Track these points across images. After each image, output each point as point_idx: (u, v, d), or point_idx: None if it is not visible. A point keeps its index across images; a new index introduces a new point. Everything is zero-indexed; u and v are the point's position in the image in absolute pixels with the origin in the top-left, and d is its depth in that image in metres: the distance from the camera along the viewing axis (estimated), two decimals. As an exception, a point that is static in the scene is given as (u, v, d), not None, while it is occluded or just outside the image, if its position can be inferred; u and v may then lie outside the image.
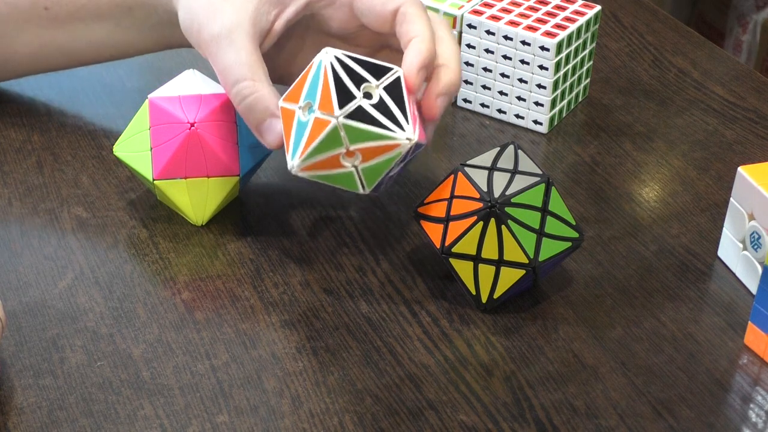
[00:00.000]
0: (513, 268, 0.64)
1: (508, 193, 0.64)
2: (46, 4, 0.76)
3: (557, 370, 0.63)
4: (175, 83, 0.71)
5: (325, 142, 0.63)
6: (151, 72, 0.87)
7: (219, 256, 0.70)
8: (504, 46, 0.81)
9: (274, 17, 0.70)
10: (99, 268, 0.68)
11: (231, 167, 0.70)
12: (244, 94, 0.67)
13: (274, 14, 0.70)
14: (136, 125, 0.71)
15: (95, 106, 0.83)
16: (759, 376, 0.63)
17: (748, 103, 0.88)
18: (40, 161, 0.77)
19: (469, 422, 0.59)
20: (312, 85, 0.64)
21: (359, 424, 0.59)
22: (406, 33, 0.68)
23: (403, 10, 0.68)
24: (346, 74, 0.64)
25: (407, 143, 0.64)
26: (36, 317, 0.64)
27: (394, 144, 0.64)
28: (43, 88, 0.84)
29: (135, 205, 0.73)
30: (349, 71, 0.64)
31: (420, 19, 0.68)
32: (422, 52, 0.66)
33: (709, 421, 0.60)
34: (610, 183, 0.78)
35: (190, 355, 0.62)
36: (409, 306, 0.67)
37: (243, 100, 0.67)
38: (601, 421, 0.60)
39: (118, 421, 0.58)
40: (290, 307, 0.66)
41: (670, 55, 0.94)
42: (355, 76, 0.64)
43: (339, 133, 0.63)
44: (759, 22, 1.82)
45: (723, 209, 0.74)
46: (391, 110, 0.64)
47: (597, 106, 0.87)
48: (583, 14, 0.83)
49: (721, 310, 0.67)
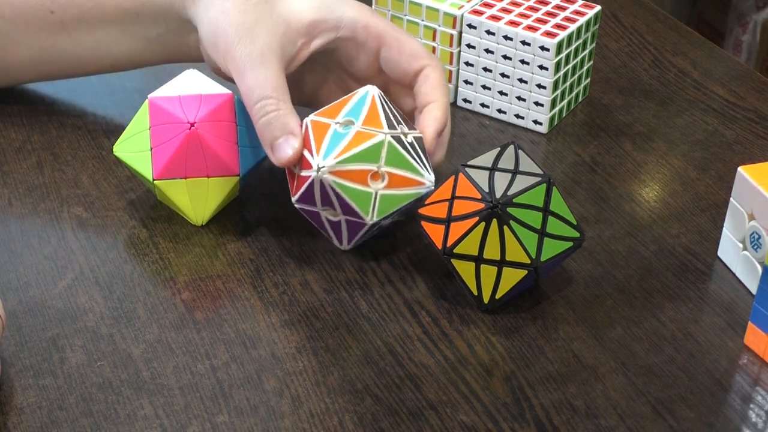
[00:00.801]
0: (515, 269, 0.64)
1: (509, 193, 0.64)
2: (52, 8, 0.76)
3: (557, 370, 0.63)
4: (176, 83, 0.71)
5: (365, 152, 0.65)
6: (152, 72, 0.87)
7: (219, 256, 0.70)
8: (504, 46, 0.81)
9: (300, 45, 0.72)
10: (99, 268, 0.68)
11: (231, 167, 0.70)
12: (267, 110, 0.68)
13: (301, 43, 0.72)
14: (136, 125, 0.71)
15: (95, 106, 0.83)
16: (759, 376, 0.63)
17: (748, 103, 0.88)
18: (40, 161, 0.77)
19: (469, 422, 0.59)
20: (356, 107, 0.68)
21: (359, 424, 0.59)
22: (425, 95, 0.72)
23: (427, 72, 0.73)
24: (389, 109, 0.68)
25: (430, 186, 0.67)
26: (36, 317, 0.64)
27: (420, 182, 0.67)
28: (43, 88, 0.84)
29: (135, 205, 0.73)
30: (390, 110, 0.68)
31: (441, 85, 0.72)
32: (439, 120, 0.71)
33: (709, 421, 0.60)
34: (610, 183, 0.78)
35: (190, 355, 0.62)
36: (409, 306, 0.67)
37: (264, 115, 0.68)
38: (601, 421, 0.60)
39: (118, 421, 0.58)
40: (290, 307, 0.66)
41: (670, 55, 0.94)
42: (395, 116, 0.68)
43: (381, 148, 0.66)
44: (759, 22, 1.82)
45: (723, 209, 0.74)
46: (421, 156, 0.68)
47: (597, 106, 0.87)
48: (583, 14, 0.83)
49: (721, 310, 0.67)
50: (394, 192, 0.67)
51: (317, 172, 0.65)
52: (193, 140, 0.69)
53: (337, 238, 0.69)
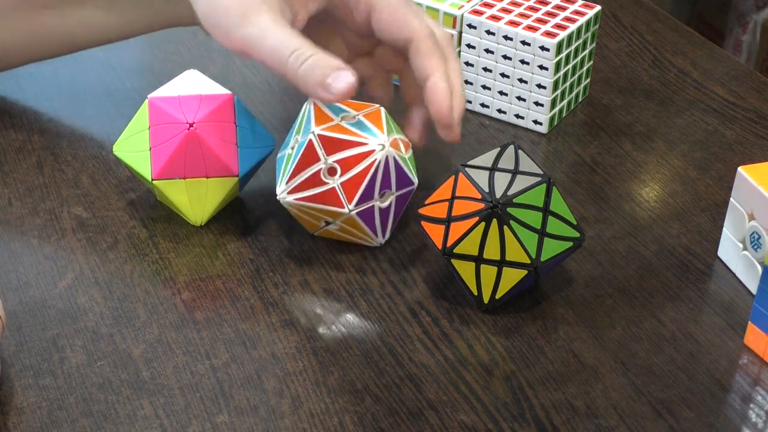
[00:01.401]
0: (515, 269, 0.64)
1: (509, 193, 0.64)
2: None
3: (557, 370, 0.63)
4: (175, 83, 0.71)
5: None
6: (151, 72, 0.87)
7: (219, 256, 0.70)
8: (504, 46, 0.81)
9: (297, 11, 0.71)
10: (99, 268, 0.68)
11: (230, 168, 0.70)
12: (304, 56, 0.66)
13: (298, 7, 0.71)
14: (136, 125, 0.71)
15: (95, 106, 0.83)
16: (759, 376, 0.63)
17: (748, 103, 0.88)
18: (40, 161, 0.77)
19: (469, 422, 0.59)
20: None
21: (359, 424, 0.59)
22: (422, 68, 0.70)
23: (416, 45, 0.70)
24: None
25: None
26: (36, 317, 0.64)
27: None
28: (44, 88, 0.84)
29: (135, 205, 0.73)
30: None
31: (433, 54, 0.70)
32: (439, 93, 0.69)
33: (709, 421, 0.60)
34: (610, 183, 0.78)
35: (190, 355, 0.62)
36: (409, 306, 0.67)
37: (304, 61, 0.66)
38: (601, 421, 0.60)
39: (118, 421, 0.58)
40: (290, 307, 0.66)
41: (670, 55, 0.94)
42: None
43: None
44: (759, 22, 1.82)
45: (723, 209, 0.74)
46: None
47: (597, 106, 0.87)
48: (583, 14, 0.83)
49: (721, 310, 0.67)
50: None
51: (382, 149, 0.67)
52: (192, 140, 0.69)
53: (382, 229, 0.70)
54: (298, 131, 0.69)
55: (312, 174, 0.67)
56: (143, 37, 0.81)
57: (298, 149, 0.67)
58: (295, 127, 0.70)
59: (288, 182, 0.67)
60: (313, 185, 0.67)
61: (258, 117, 0.81)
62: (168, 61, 0.88)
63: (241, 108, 0.71)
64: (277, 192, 0.68)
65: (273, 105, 0.85)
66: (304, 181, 0.67)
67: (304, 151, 0.67)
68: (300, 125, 0.69)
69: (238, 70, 0.88)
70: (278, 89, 0.86)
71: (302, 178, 0.67)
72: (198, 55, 0.90)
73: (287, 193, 0.67)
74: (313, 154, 0.67)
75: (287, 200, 0.68)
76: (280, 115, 0.83)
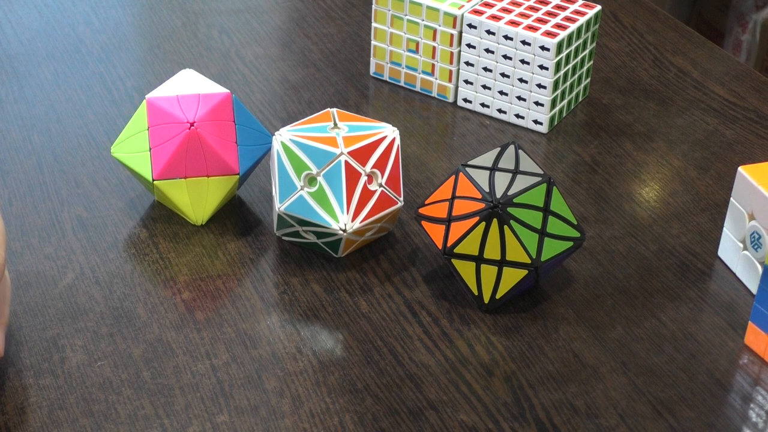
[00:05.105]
0: (515, 268, 0.64)
1: (510, 193, 0.64)
2: None
3: (557, 370, 0.63)
4: (172, 83, 0.71)
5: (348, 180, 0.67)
6: (151, 72, 0.87)
7: (219, 256, 0.70)
8: (504, 46, 0.81)
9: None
10: (99, 268, 0.68)
11: (231, 166, 0.70)
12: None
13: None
14: (135, 126, 0.71)
15: (95, 105, 0.83)
16: (759, 376, 0.63)
17: (748, 103, 0.88)
18: (40, 161, 0.77)
19: (470, 422, 0.59)
20: None
21: (359, 424, 0.59)
22: None
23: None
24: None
25: None
26: (36, 317, 0.64)
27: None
28: (44, 88, 0.84)
29: (135, 205, 0.73)
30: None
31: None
32: None
33: (709, 421, 0.60)
34: (610, 183, 0.78)
35: (191, 355, 0.62)
36: (409, 306, 0.67)
37: None
38: (601, 421, 0.60)
39: (118, 421, 0.58)
40: (290, 307, 0.66)
41: (670, 55, 0.94)
42: None
43: None
44: (759, 22, 1.82)
45: (723, 209, 0.74)
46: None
47: (597, 106, 0.87)
48: (583, 14, 0.83)
49: (721, 310, 0.67)
50: None
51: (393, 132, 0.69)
52: (193, 140, 0.69)
53: None
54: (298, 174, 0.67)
55: (362, 190, 0.67)
56: (143, 37, 0.81)
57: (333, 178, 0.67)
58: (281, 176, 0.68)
59: (347, 212, 0.66)
60: (367, 200, 0.67)
61: (257, 117, 0.81)
62: (168, 61, 0.88)
63: (239, 106, 0.71)
64: (339, 228, 0.66)
65: (272, 104, 0.85)
66: (358, 203, 0.67)
67: (346, 174, 0.66)
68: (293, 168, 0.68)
69: (238, 69, 0.88)
70: (278, 89, 0.86)
71: (355, 200, 0.67)
72: (198, 55, 0.90)
73: (351, 222, 0.67)
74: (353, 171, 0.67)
75: (356, 227, 0.67)
76: (279, 114, 0.83)
